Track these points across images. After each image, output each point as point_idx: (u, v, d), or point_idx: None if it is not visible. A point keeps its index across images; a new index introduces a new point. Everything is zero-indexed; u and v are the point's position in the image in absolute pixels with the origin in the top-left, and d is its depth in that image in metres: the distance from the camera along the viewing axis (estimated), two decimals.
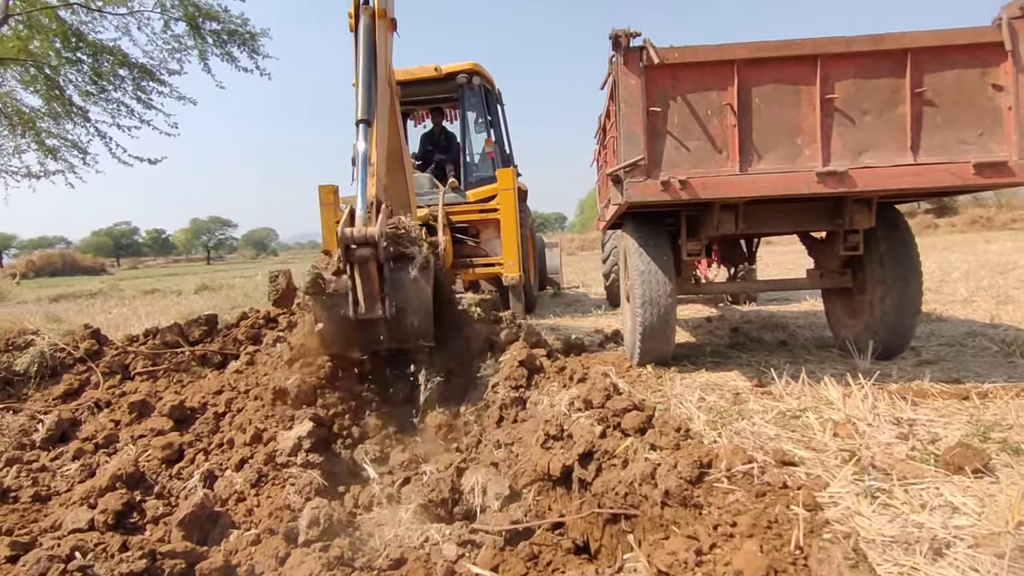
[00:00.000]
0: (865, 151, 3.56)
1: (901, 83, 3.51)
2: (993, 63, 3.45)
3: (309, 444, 2.77)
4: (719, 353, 4.98)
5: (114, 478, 2.61)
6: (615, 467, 2.25)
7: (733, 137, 3.60)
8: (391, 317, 3.10)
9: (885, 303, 4.20)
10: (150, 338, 4.34)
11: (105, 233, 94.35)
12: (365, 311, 3.09)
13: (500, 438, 2.83)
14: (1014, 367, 3.98)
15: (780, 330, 5.86)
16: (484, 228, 7.48)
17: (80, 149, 11.62)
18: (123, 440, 3.24)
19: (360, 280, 3.07)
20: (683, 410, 3.31)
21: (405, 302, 3.15)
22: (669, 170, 3.63)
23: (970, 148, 3.50)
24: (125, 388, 3.83)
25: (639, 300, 4.20)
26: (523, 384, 3.16)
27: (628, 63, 3.60)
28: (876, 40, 3.49)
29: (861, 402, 3.06)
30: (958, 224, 33.43)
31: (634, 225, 4.50)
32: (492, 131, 8.45)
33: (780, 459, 2.40)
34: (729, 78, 3.59)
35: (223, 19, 11.26)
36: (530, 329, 3.92)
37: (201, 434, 3.16)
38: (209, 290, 16.52)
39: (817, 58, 3.52)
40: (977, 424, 2.85)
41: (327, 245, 7.63)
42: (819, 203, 4.07)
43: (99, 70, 10.99)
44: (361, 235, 3.02)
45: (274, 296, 3.94)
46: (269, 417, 3.05)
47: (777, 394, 3.48)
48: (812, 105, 3.56)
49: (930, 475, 2.26)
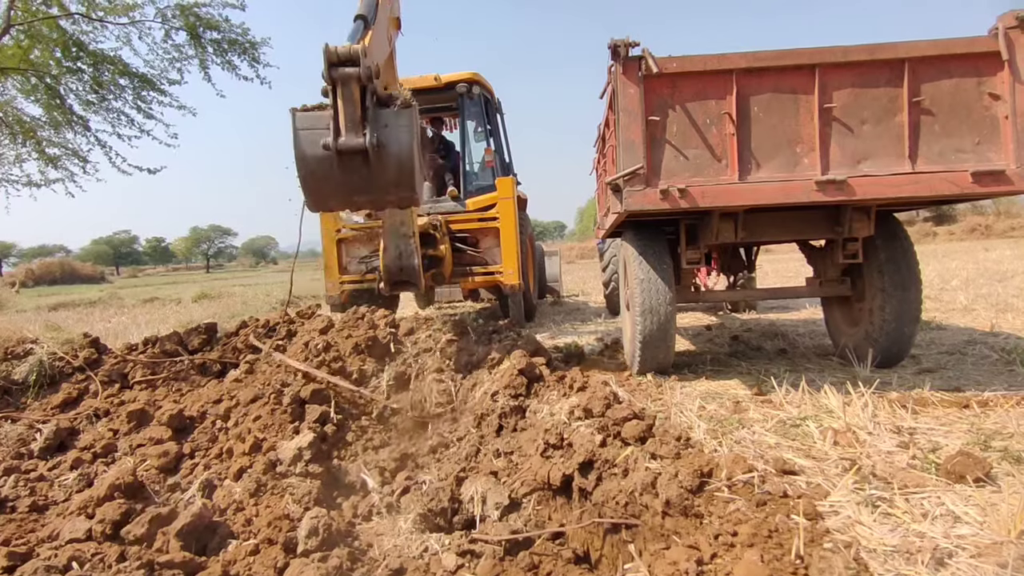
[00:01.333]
0: (864, 160, 3.57)
1: (899, 92, 3.53)
2: (990, 72, 3.47)
3: (309, 454, 2.76)
4: (719, 361, 4.97)
5: (112, 488, 2.60)
6: (615, 476, 2.24)
7: (732, 146, 3.61)
8: (373, 149, 3.00)
9: (885, 311, 4.20)
10: (149, 347, 4.34)
11: (105, 242, 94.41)
12: (346, 139, 2.99)
13: (500, 447, 2.82)
14: (1014, 375, 3.98)
15: (780, 338, 5.86)
16: (484, 237, 7.48)
17: (80, 158, 11.64)
18: (121, 449, 3.23)
19: (343, 103, 2.98)
20: (683, 419, 3.30)
21: (388, 138, 3.06)
22: (668, 179, 3.63)
23: (968, 157, 3.51)
24: (124, 397, 3.83)
25: (639, 308, 4.19)
26: (523, 393, 3.16)
27: (627, 72, 3.62)
28: (873, 50, 3.51)
29: (861, 410, 3.06)
30: (957, 232, 33.53)
31: (633, 233, 4.50)
32: (492, 140, 8.48)
33: (780, 468, 2.39)
34: (728, 87, 3.60)
35: (224, 29, 11.31)
36: (529, 338, 3.92)
37: (200, 443, 3.15)
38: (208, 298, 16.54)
39: (815, 67, 3.54)
40: (978, 433, 2.84)
41: (327, 254, 7.65)
42: (818, 211, 4.08)
43: (100, 79, 11.02)
44: (345, 51, 2.93)
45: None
46: (268, 427, 3.05)
47: (777, 402, 3.48)
48: (811, 114, 3.58)
49: (931, 484, 2.25)
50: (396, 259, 5.85)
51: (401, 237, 5.77)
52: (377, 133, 3.04)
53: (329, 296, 7.67)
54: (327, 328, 4.02)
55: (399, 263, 5.88)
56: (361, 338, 3.76)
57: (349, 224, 7.96)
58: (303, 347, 3.76)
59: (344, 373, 3.53)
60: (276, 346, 4.13)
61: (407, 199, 3.24)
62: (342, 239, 7.72)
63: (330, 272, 7.68)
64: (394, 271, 5.90)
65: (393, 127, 3.10)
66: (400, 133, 3.11)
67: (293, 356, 3.72)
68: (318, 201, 3.28)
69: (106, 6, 10.56)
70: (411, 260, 5.89)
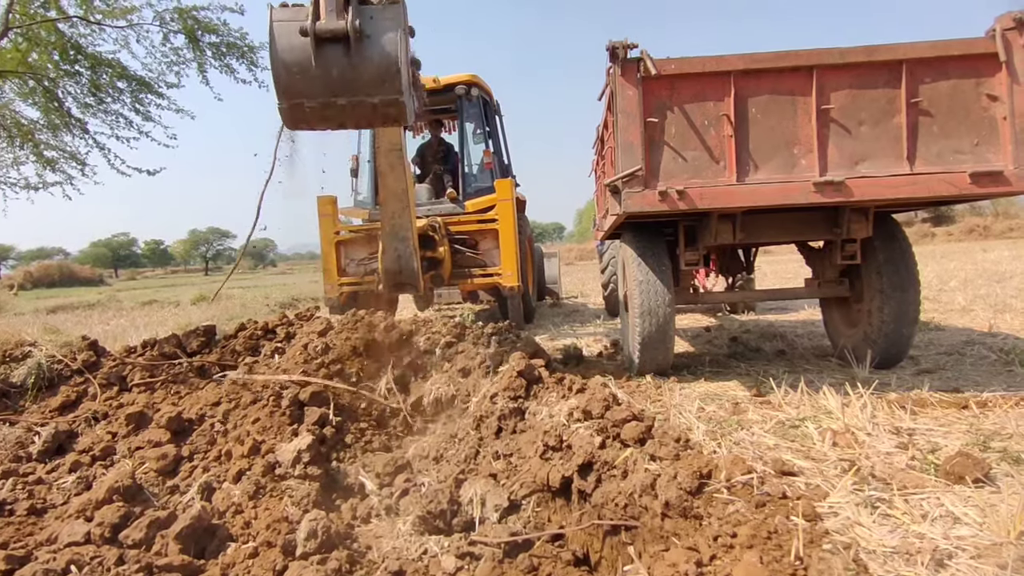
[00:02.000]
0: (862, 161, 3.58)
1: (897, 93, 3.54)
2: (988, 74, 3.48)
3: (308, 456, 2.76)
4: (718, 363, 4.97)
5: (111, 491, 2.60)
6: (615, 478, 2.24)
7: (730, 147, 3.62)
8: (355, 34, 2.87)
9: (883, 312, 4.20)
10: (148, 349, 4.33)
11: (103, 244, 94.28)
12: (325, 22, 2.86)
13: (499, 449, 2.82)
14: (1013, 376, 3.98)
15: (779, 339, 5.86)
16: (483, 238, 7.49)
17: (78, 160, 11.61)
18: (120, 452, 3.23)
19: None
20: (682, 420, 3.30)
21: (372, 29, 2.92)
22: (667, 180, 3.64)
23: (966, 158, 3.52)
24: (123, 400, 3.82)
25: (638, 310, 4.20)
26: (522, 395, 3.16)
27: (625, 74, 3.63)
28: (870, 51, 3.52)
29: (860, 411, 3.06)
30: (955, 233, 33.61)
31: (632, 235, 4.50)
32: (490, 142, 8.49)
33: (780, 469, 2.39)
34: (726, 89, 3.61)
35: (222, 32, 11.31)
36: (528, 339, 3.92)
37: (199, 446, 3.15)
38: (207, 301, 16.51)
39: (813, 69, 3.55)
40: (977, 433, 2.84)
41: (326, 256, 7.65)
42: (816, 213, 4.08)
43: (98, 82, 11.00)
44: None
45: None
46: (267, 429, 3.04)
47: (776, 404, 3.48)
48: (808, 115, 3.59)
49: (930, 485, 2.25)
50: (395, 261, 5.84)
51: (400, 239, 5.75)
52: (360, 20, 2.90)
53: (328, 298, 7.67)
54: (326, 330, 4.02)
55: (398, 265, 5.87)
56: (360, 340, 3.76)
57: (348, 226, 7.97)
58: (302, 349, 3.76)
59: (343, 375, 3.53)
60: (275, 349, 4.13)
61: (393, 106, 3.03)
62: (341, 241, 7.73)
63: (329, 274, 7.68)
64: (393, 273, 5.89)
65: (378, 19, 2.95)
66: (385, 24, 2.95)
67: (291, 358, 3.72)
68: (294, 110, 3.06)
69: (104, 9, 10.56)
70: (410, 262, 5.87)
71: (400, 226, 5.74)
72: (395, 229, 5.74)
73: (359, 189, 8.58)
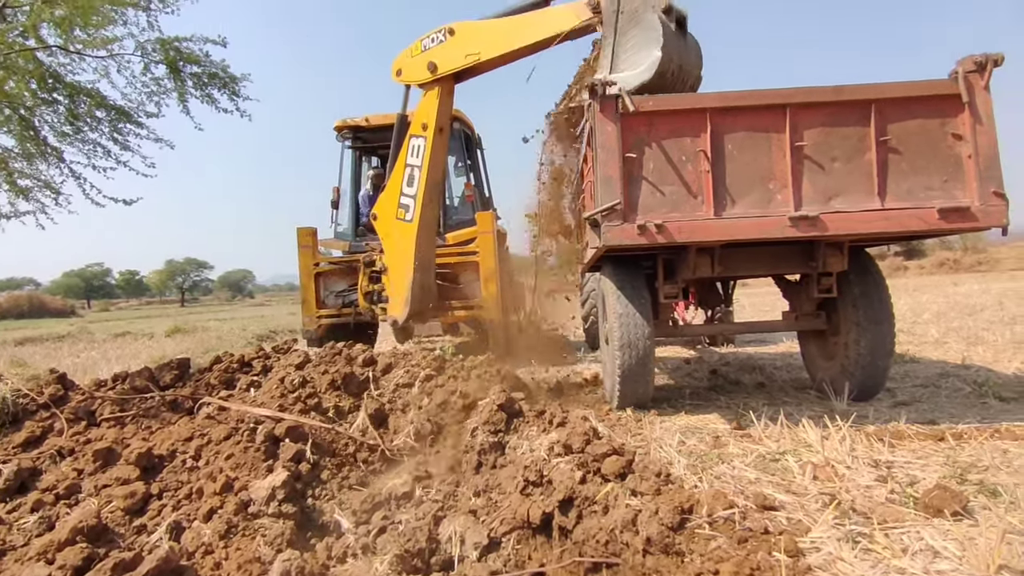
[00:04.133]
0: (835, 196, 3.66)
1: (867, 132, 3.64)
2: (952, 114, 3.60)
3: (283, 494, 2.68)
4: (698, 395, 4.98)
5: (75, 531, 2.50)
6: (596, 514, 2.21)
7: (707, 182, 3.68)
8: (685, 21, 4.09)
9: (860, 345, 4.25)
10: (119, 383, 4.22)
11: (76, 274, 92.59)
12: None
13: (478, 485, 2.77)
14: (987, 408, 4.03)
15: (758, 372, 5.89)
16: (463, 271, 7.50)
17: (53, 190, 11.42)
18: (86, 490, 3.11)
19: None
20: (663, 454, 3.28)
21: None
22: (645, 214, 3.68)
23: (935, 194, 3.61)
24: (90, 435, 3.70)
25: (617, 343, 4.20)
26: (502, 429, 3.12)
27: (604, 110, 3.69)
28: (839, 91, 3.63)
29: (839, 444, 3.07)
30: (927, 266, 34.44)
31: (612, 268, 4.53)
32: (472, 175, 8.56)
33: (761, 503, 2.38)
34: (702, 125, 3.69)
35: (204, 63, 11.34)
36: (509, 372, 3.89)
37: (169, 483, 3.05)
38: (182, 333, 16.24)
39: (786, 107, 3.64)
40: (954, 465, 2.87)
41: (304, 288, 7.59)
42: (792, 247, 4.15)
43: (76, 111, 10.91)
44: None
45: None
46: (241, 465, 2.96)
47: (756, 436, 3.48)
48: (783, 152, 3.67)
49: (910, 519, 2.26)
50: (421, 290, 6.09)
51: (426, 270, 6.07)
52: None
53: (306, 330, 7.59)
54: (303, 363, 3.96)
55: (422, 294, 6.12)
56: (338, 374, 3.71)
57: (327, 258, 7.93)
58: (279, 383, 3.69)
59: (320, 410, 3.47)
60: (251, 382, 4.05)
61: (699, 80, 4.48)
62: (320, 273, 7.68)
63: (307, 306, 7.62)
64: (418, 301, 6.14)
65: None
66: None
67: (268, 392, 3.65)
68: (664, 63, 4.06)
69: (85, 39, 10.54)
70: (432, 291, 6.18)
71: (427, 257, 6.03)
72: (423, 259, 5.99)
73: (339, 220, 8.57)
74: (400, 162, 6.01)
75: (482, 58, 5.22)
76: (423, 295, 6.19)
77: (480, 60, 5.24)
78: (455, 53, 5.36)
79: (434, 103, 5.69)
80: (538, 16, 4.99)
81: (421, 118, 5.81)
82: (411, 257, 5.99)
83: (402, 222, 6.02)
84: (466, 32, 5.32)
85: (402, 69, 5.76)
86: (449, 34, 5.38)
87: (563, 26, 4.69)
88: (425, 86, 5.72)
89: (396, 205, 6.05)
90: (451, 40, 5.38)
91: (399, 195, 6.02)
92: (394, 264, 6.23)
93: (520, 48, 5.02)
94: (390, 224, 6.14)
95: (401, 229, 6.05)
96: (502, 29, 5.12)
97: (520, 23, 5.04)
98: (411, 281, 6.02)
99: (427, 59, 5.51)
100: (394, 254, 6.21)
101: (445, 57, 5.43)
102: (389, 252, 6.27)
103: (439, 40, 5.44)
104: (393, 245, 6.19)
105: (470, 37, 5.28)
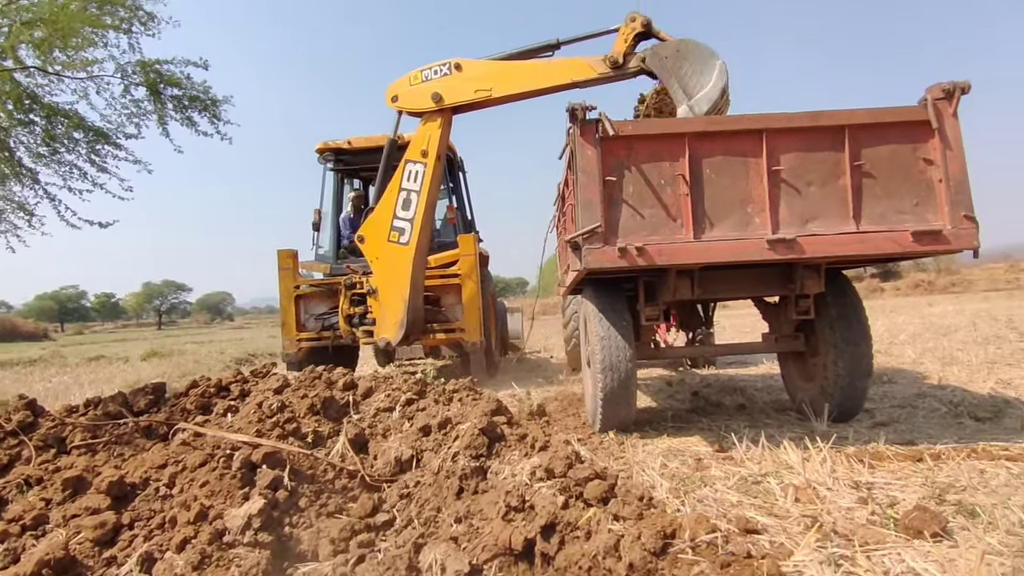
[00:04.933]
0: (812, 219, 3.72)
1: (841, 156, 3.72)
2: (922, 139, 3.70)
3: (259, 522, 2.62)
4: (680, 418, 4.98)
5: (41, 564, 2.41)
6: (578, 539, 2.18)
7: (686, 206, 3.73)
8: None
9: (838, 366, 4.29)
10: (91, 409, 4.12)
11: (50, 297, 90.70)
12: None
13: (460, 510, 2.73)
14: (963, 428, 4.08)
15: (739, 394, 5.92)
16: (445, 293, 7.48)
17: (26, 211, 11.24)
18: (54, 521, 3.01)
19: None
20: (646, 477, 3.27)
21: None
22: (626, 237, 3.71)
23: (908, 217, 3.69)
24: (60, 463, 3.59)
25: (599, 365, 4.20)
26: (484, 453, 3.09)
27: (584, 135, 3.74)
28: (814, 117, 3.71)
29: (820, 466, 3.08)
30: (902, 288, 35.04)
31: (593, 291, 4.55)
32: (454, 198, 8.59)
33: (744, 527, 2.37)
34: (681, 150, 3.74)
35: (185, 86, 11.32)
36: (490, 396, 3.86)
37: (141, 512, 2.96)
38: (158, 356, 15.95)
39: (762, 132, 3.71)
40: (932, 486, 2.89)
41: (285, 311, 7.52)
42: (771, 269, 4.20)
43: (52, 133, 10.80)
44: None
45: None
46: (216, 493, 2.89)
47: (738, 459, 3.48)
48: (760, 176, 3.73)
49: (891, 540, 2.26)
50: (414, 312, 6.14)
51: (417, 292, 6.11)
52: None
53: (286, 354, 7.50)
54: (282, 388, 3.89)
55: (414, 316, 6.17)
56: (317, 398, 3.66)
57: (308, 280, 7.87)
58: (256, 407, 3.63)
59: (299, 435, 3.41)
60: (228, 407, 3.98)
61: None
62: (300, 295, 7.62)
63: (287, 329, 7.54)
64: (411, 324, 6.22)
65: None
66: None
67: (245, 417, 3.58)
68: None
69: (64, 61, 10.48)
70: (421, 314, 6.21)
71: (420, 279, 6.09)
72: (417, 282, 6.07)
73: (321, 243, 8.53)
74: (394, 185, 6.05)
75: (493, 95, 5.44)
76: (415, 316, 6.23)
77: (491, 96, 5.46)
78: (464, 87, 5.53)
79: (436, 132, 5.81)
80: (557, 64, 5.31)
81: (420, 145, 5.90)
82: (407, 280, 6.03)
83: (397, 245, 6.06)
84: (475, 69, 5.50)
85: (399, 96, 5.82)
86: (456, 68, 5.54)
87: (581, 76, 5.11)
88: (427, 115, 5.83)
89: (388, 228, 6.06)
90: (458, 75, 5.54)
91: (391, 218, 6.05)
92: (386, 286, 6.21)
93: (534, 90, 5.32)
94: (381, 246, 6.14)
95: (396, 252, 6.07)
96: (518, 71, 5.39)
97: (538, 68, 5.36)
98: (407, 304, 6.03)
99: (431, 89, 5.64)
100: (387, 276, 6.20)
101: (452, 90, 5.58)
102: (380, 274, 6.25)
103: (443, 72, 5.59)
104: (384, 267, 6.18)
105: (481, 74, 5.48)
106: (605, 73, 5.04)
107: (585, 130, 3.74)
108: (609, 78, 5.09)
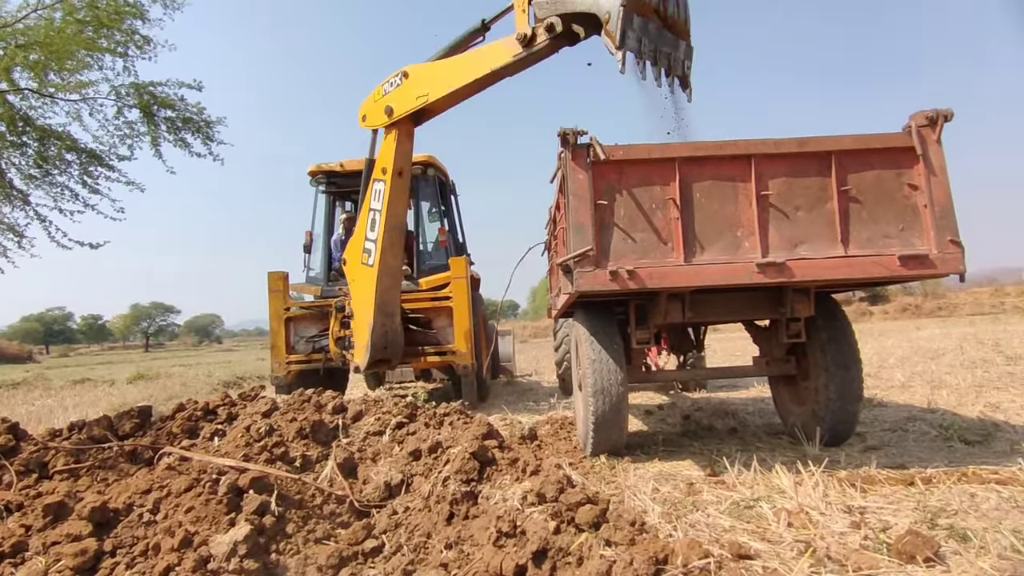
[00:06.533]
0: (800, 244, 3.76)
1: (828, 182, 3.77)
2: (907, 165, 3.76)
3: (245, 549, 2.57)
4: (671, 441, 4.96)
5: None
6: (570, 565, 2.16)
7: (677, 229, 3.76)
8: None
9: (829, 389, 4.30)
10: (75, 432, 4.05)
11: (35, 319, 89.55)
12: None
13: (450, 536, 2.69)
14: (953, 451, 4.09)
15: (730, 417, 5.91)
16: (436, 316, 7.46)
17: (16, 233, 11.16)
18: (33, 548, 2.94)
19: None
20: (637, 502, 3.24)
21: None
22: (617, 261, 3.73)
23: (894, 242, 3.74)
24: (41, 488, 3.52)
25: (591, 389, 4.19)
26: (475, 478, 3.06)
27: (576, 159, 3.77)
28: (802, 143, 3.77)
29: (813, 490, 3.07)
30: (891, 311, 35.31)
31: (584, 314, 4.55)
32: (445, 220, 8.62)
33: (736, 552, 2.35)
34: (671, 174, 3.78)
35: (179, 108, 11.35)
36: (482, 419, 3.84)
37: (124, 539, 2.90)
38: (145, 379, 15.77)
39: (751, 157, 3.76)
40: (924, 510, 2.88)
41: (274, 333, 7.47)
42: (761, 293, 4.23)
43: (45, 154, 10.77)
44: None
45: None
46: (202, 519, 2.84)
47: (730, 483, 3.46)
48: (749, 200, 3.77)
49: (884, 565, 2.25)
50: (382, 336, 6.08)
51: (388, 315, 6.02)
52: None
53: (275, 376, 7.43)
54: (270, 411, 3.85)
55: (384, 340, 6.08)
56: (306, 422, 3.62)
57: (298, 303, 7.84)
58: (244, 431, 3.58)
59: (287, 459, 3.36)
60: (215, 431, 3.92)
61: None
62: (291, 318, 7.58)
63: (277, 351, 7.48)
64: (379, 348, 6.07)
65: None
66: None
67: (233, 441, 3.53)
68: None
69: (58, 83, 10.50)
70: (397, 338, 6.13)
71: (390, 302, 6.00)
72: (385, 305, 5.95)
73: (311, 265, 8.51)
74: (364, 207, 6.01)
75: (430, 99, 5.20)
76: (385, 342, 6.09)
77: (429, 101, 5.22)
78: (408, 96, 5.38)
79: (392, 146, 5.68)
80: (474, 55, 4.99)
81: (381, 162, 5.81)
82: (371, 302, 5.91)
83: (365, 267, 5.98)
84: (418, 74, 5.34)
85: (367, 115, 5.80)
86: (404, 77, 5.41)
87: (497, 63, 4.63)
88: (386, 130, 5.73)
89: (360, 250, 6.02)
90: (406, 83, 5.40)
91: (363, 240, 5.99)
92: (358, 309, 6.17)
93: (463, 87, 4.97)
94: (356, 269, 6.11)
95: (363, 274, 6.01)
96: (446, 69, 5.11)
97: (459, 63, 5.03)
98: (372, 327, 5.93)
99: (385, 103, 5.55)
100: (358, 299, 6.16)
101: (400, 100, 5.45)
102: (355, 297, 6.22)
103: (396, 84, 5.47)
104: (358, 290, 6.15)
105: (421, 79, 5.30)
106: (519, 54, 4.41)
107: (576, 154, 3.78)
108: (525, 59, 4.45)
